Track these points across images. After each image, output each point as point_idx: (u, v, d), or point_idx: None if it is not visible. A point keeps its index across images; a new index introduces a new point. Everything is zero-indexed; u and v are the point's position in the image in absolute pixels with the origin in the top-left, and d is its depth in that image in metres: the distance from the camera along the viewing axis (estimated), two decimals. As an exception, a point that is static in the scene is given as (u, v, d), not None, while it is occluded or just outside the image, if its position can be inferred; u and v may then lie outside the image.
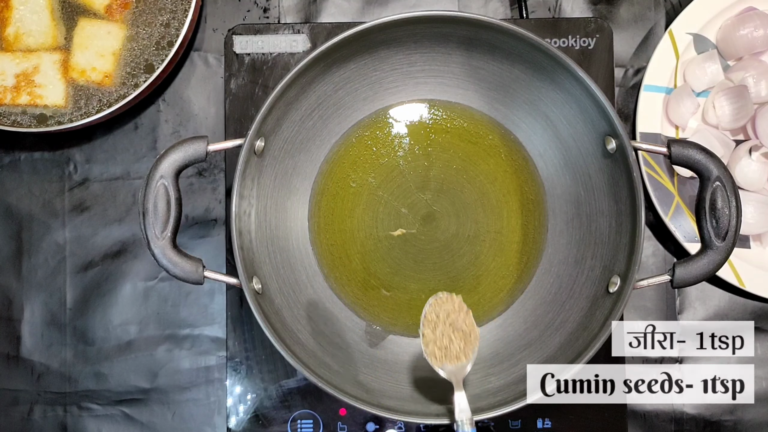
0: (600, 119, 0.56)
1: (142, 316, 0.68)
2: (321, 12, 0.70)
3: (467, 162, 0.65)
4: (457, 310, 0.53)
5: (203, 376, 0.68)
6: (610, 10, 0.70)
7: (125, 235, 0.69)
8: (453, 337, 0.52)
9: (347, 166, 0.65)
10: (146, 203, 0.52)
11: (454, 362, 0.52)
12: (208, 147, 0.53)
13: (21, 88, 0.64)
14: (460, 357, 0.52)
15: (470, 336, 0.52)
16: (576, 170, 0.61)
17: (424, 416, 0.54)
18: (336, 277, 0.64)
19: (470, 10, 0.70)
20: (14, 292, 0.68)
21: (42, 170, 0.69)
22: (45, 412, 0.68)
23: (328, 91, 0.61)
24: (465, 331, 0.52)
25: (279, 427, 0.65)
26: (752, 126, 0.66)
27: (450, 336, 0.52)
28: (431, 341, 0.52)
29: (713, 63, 0.66)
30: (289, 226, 0.63)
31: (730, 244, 0.52)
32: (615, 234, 0.58)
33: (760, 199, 0.66)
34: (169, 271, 0.52)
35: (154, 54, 0.65)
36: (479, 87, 0.63)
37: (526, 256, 0.64)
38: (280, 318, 0.58)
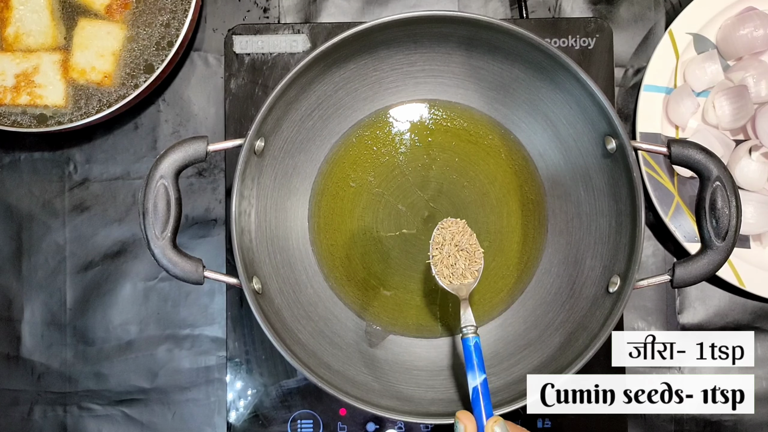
0: (600, 119, 0.56)
1: (142, 316, 0.68)
2: (321, 12, 0.70)
3: (467, 162, 0.65)
4: (461, 232, 0.57)
5: (203, 376, 0.68)
6: (610, 10, 0.71)
7: (125, 235, 0.69)
8: (458, 256, 0.57)
9: (347, 166, 0.65)
10: (146, 203, 0.52)
11: (460, 280, 0.56)
12: (208, 147, 0.53)
13: (21, 88, 0.64)
14: (465, 275, 0.57)
15: (474, 255, 0.57)
16: (576, 170, 0.61)
17: (424, 416, 0.54)
18: (336, 277, 0.64)
19: (470, 10, 0.70)
20: (14, 292, 0.68)
21: (42, 170, 0.69)
22: (45, 412, 0.68)
23: (328, 91, 0.61)
24: (469, 251, 0.57)
25: (279, 427, 0.65)
26: (752, 126, 0.66)
27: (455, 255, 0.57)
28: (439, 261, 0.57)
29: (713, 63, 0.66)
30: (289, 226, 0.63)
31: (730, 244, 0.52)
32: (615, 234, 0.58)
33: (759, 199, 0.66)
34: (169, 271, 0.52)
35: (154, 54, 0.65)
36: (479, 87, 0.63)
37: (526, 256, 0.64)
38: (280, 318, 0.58)
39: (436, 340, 0.64)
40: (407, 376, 0.61)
